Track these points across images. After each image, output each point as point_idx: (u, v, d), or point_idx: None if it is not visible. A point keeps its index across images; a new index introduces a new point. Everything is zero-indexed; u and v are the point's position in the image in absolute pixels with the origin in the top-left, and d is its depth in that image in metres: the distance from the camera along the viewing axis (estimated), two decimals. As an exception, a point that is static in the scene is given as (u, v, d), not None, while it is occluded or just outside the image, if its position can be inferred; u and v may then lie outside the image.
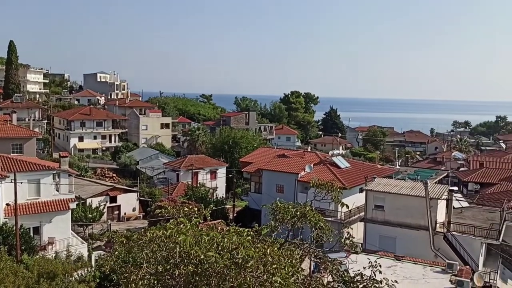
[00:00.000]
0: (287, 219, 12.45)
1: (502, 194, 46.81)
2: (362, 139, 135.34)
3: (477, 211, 39.73)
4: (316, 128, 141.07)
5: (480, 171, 60.84)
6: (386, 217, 35.15)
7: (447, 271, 27.13)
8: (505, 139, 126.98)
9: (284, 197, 31.31)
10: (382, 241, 34.53)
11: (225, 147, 73.83)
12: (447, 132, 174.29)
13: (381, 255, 30.28)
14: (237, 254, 9.04)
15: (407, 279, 26.12)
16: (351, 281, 11.68)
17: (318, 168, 45.55)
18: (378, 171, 48.94)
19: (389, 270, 27.28)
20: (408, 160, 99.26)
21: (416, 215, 33.78)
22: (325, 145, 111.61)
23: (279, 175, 45.61)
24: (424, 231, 33.33)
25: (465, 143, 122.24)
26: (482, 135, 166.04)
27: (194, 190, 50.92)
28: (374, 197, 36.07)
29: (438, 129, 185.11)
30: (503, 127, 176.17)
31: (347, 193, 41.80)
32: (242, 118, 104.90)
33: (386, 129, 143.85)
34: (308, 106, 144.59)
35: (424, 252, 32.39)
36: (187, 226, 9.98)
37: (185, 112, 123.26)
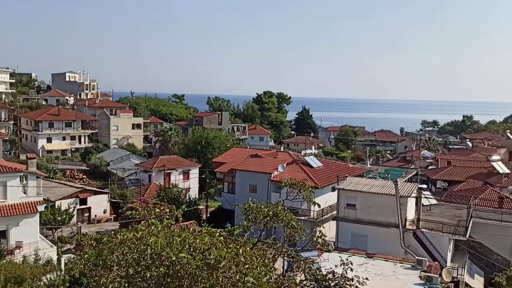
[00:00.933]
0: (260, 219, 12.46)
1: (469, 191, 48.15)
2: (334, 138, 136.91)
3: (445, 208, 40.77)
4: (289, 128, 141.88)
5: (448, 169, 62.36)
6: (357, 216, 35.64)
7: (417, 267, 27.70)
8: (472, 138, 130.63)
9: (257, 197, 31.32)
10: (354, 239, 35.00)
11: (198, 148, 73.40)
12: (416, 132, 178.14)
13: (353, 253, 30.67)
14: (209, 255, 8.99)
15: (378, 276, 26.54)
16: (323, 279, 11.79)
17: (291, 167, 45.82)
18: (350, 170, 49.60)
19: (361, 267, 27.68)
20: (379, 159, 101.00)
21: (387, 213, 34.36)
22: (298, 145, 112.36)
23: (252, 175, 45.64)
24: (395, 229, 33.95)
25: (434, 142, 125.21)
26: (449, 134, 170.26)
27: (167, 191, 50.40)
28: (346, 196, 36.53)
29: (407, 128, 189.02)
30: (470, 126, 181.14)
31: (320, 192, 42.23)
32: (215, 118, 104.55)
33: (357, 129, 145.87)
34: (281, 106, 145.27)
35: (395, 249, 33.00)
36: (158, 227, 9.86)
37: (157, 112, 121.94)
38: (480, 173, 59.02)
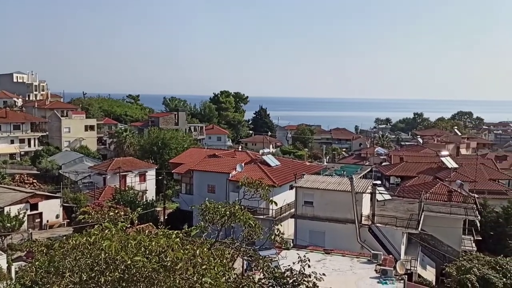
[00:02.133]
0: (217, 219, 12.39)
1: (420, 186, 49.94)
2: (292, 137, 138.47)
3: (398, 203, 42.08)
4: (246, 128, 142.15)
5: (401, 165, 64.44)
6: (315, 213, 36.17)
7: (372, 261, 28.41)
8: (422, 134, 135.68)
9: (216, 197, 31.13)
10: (312, 236, 35.49)
11: (154, 149, 72.24)
12: (370, 129, 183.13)
13: (311, 250, 31.10)
14: (165, 257, 8.83)
15: (336, 271, 27.03)
16: (282, 276, 11.87)
17: (249, 167, 45.91)
18: (307, 168, 50.26)
19: (319, 263, 28.09)
20: (335, 157, 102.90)
21: (343, 209, 35.07)
22: (256, 144, 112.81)
23: (210, 175, 45.40)
24: (351, 224, 34.69)
25: (387, 139, 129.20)
26: (401, 131, 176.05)
27: (122, 193, 49.32)
28: (304, 194, 36.99)
29: (362, 126, 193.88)
30: (420, 123, 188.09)
31: (278, 190, 42.58)
32: (171, 119, 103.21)
33: (314, 127, 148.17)
34: (238, 106, 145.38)
35: (352, 244, 33.72)
36: (112, 231, 9.59)
37: (111, 113, 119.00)
38: (431, 168, 61.36)
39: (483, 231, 43.21)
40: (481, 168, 61.41)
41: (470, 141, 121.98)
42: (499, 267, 32.91)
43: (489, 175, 61.23)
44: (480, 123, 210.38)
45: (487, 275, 31.56)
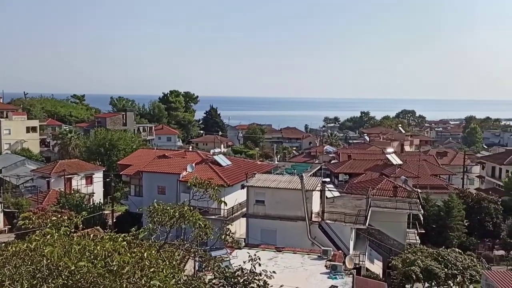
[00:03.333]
0: (166, 220, 12.17)
1: (367, 182, 51.45)
2: (243, 137, 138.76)
3: (347, 199, 43.17)
4: (197, 127, 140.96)
5: (349, 162, 66.08)
6: (266, 211, 36.42)
7: (323, 257, 28.99)
8: (369, 133, 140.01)
9: (166, 199, 30.67)
10: (263, 234, 35.71)
11: (101, 150, 70.07)
12: (319, 128, 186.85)
13: (263, 248, 31.32)
14: (111, 261, 8.55)
15: (287, 269, 27.35)
16: (232, 276, 11.83)
17: (200, 167, 45.54)
18: (258, 167, 50.52)
19: (270, 261, 28.33)
20: (286, 156, 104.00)
21: (294, 207, 35.54)
22: (207, 144, 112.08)
23: (160, 176, 44.64)
24: (302, 222, 35.22)
25: (335, 138, 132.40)
26: (349, 130, 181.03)
27: (68, 197, 47.49)
28: (255, 193, 37.16)
29: (311, 125, 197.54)
30: (367, 121, 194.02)
31: (229, 190, 42.48)
32: (119, 119, 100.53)
33: (264, 127, 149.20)
34: (188, 106, 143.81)
35: (302, 241, 34.23)
36: (54, 236, 9.18)
37: (54, 114, 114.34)
38: (377, 165, 63.38)
39: (426, 224, 45.18)
40: (424, 164, 64.18)
41: (413, 139, 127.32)
42: (441, 258, 34.55)
43: (431, 171, 64.10)
44: (423, 121, 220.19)
45: (430, 266, 33.04)
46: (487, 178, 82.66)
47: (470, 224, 48.63)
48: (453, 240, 45.41)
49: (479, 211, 50.02)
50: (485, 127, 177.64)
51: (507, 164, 75.47)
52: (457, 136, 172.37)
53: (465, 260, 35.12)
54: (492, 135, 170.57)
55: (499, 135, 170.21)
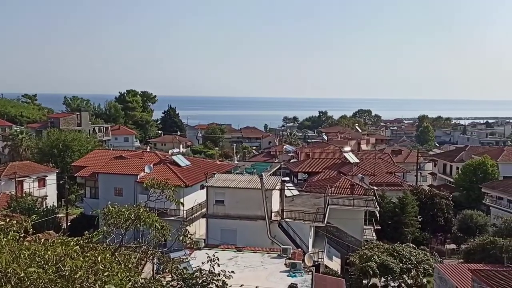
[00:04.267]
0: (121, 223, 11.85)
1: (326, 181, 52.27)
2: (202, 136, 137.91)
3: (306, 198, 43.68)
4: (155, 127, 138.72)
5: (307, 161, 66.85)
6: (226, 211, 36.29)
7: (282, 255, 29.20)
8: (327, 132, 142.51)
9: (123, 200, 30.00)
10: (223, 234, 35.57)
11: (55, 151, 67.69)
12: (279, 127, 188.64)
13: (223, 248, 31.21)
14: (63, 266, 8.21)
15: (248, 268, 27.37)
16: (190, 277, 11.69)
17: (159, 168, 44.85)
18: (218, 167, 50.29)
19: (231, 261, 28.25)
20: (246, 155, 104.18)
21: (254, 207, 35.57)
22: (165, 144, 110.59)
23: (116, 177, 43.61)
24: (262, 221, 35.31)
25: (294, 137, 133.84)
26: (308, 129, 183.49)
27: (19, 200, 45.57)
28: (215, 193, 36.95)
29: (271, 124, 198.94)
30: (325, 121, 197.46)
31: (189, 190, 42.12)
32: (73, 119, 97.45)
33: (224, 126, 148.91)
34: (146, 105, 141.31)
35: (262, 240, 34.33)
36: (2, 242, 8.72)
37: (4, 114, 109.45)
38: (335, 163, 64.47)
39: (382, 221, 46.38)
40: (379, 162, 65.85)
41: (370, 137, 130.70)
42: (396, 253, 35.60)
43: (386, 169, 65.88)
44: (378, 120, 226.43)
45: (386, 262, 33.97)
46: (439, 175, 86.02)
47: (423, 220, 50.36)
48: (407, 236, 46.86)
49: (432, 207, 51.89)
50: (436, 126, 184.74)
51: (457, 161, 78.77)
52: (411, 135, 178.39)
53: (419, 255, 36.36)
54: (443, 134, 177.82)
55: (450, 134, 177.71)
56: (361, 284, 35.35)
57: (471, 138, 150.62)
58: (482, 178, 65.55)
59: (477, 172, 66.51)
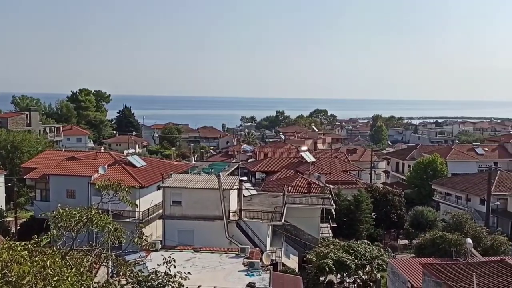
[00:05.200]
0: (72, 225, 11.45)
1: (283, 180, 52.71)
2: (159, 136, 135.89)
3: (263, 197, 43.86)
4: (110, 128, 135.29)
5: (265, 161, 67.23)
6: (183, 212, 35.89)
7: (240, 255, 29.19)
8: (284, 131, 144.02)
9: (76, 203, 29.00)
10: (181, 235, 35.16)
11: (2, 153, 64.69)
12: (237, 127, 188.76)
13: (180, 249, 30.84)
14: (10, 272, 7.84)
15: (205, 269, 27.18)
16: (146, 280, 11.46)
17: (113, 168, 43.77)
18: (175, 168, 49.69)
19: (188, 262, 27.98)
20: (203, 155, 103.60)
21: (212, 207, 35.39)
22: (121, 145, 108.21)
23: (69, 179, 42.21)
24: (219, 221, 35.16)
25: (252, 136, 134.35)
26: (265, 128, 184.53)
27: (-37, 205, 43.26)
28: (172, 193, 36.46)
29: (228, 124, 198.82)
30: (282, 120, 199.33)
31: (145, 191, 41.36)
32: (22, 119, 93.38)
33: (181, 126, 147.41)
34: (100, 105, 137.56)
35: (220, 240, 34.19)
36: None
37: None
38: (292, 162, 65.17)
39: (338, 218, 47.29)
40: (335, 161, 67.23)
41: (326, 137, 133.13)
42: (351, 250, 36.41)
43: (342, 167, 67.36)
44: (334, 120, 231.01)
45: (341, 258, 34.68)
46: (392, 173, 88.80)
47: (377, 216, 51.78)
48: (362, 232, 48.04)
49: (385, 204, 53.45)
50: (389, 125, 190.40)
51: (409, 159, 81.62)
52: (365, 134, 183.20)
53: (373, 251, 37.34)
54: (396, 133, 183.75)
55: (402, 133, 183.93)
56: (317, 281, 35.91)
57: (422, 137, 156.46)
58: (432, 176, 68.23)
59: (428, 169, 69.12)
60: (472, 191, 60.29)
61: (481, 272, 24.36)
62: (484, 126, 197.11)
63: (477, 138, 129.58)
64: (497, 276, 23.93)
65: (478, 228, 41.52)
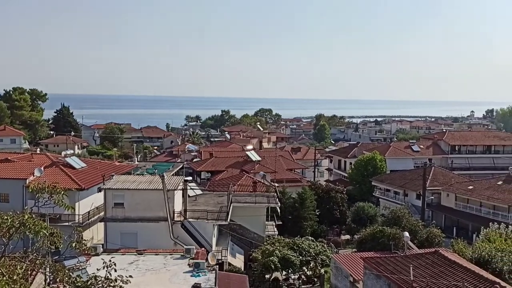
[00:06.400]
0: (3, 231, 10.77)
1: (229, 179, 52.71)
2: (99, 137, 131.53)
3: (209, 197, 43.65)
4: (46, 128, 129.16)
5: (210, 160, 66.90)
6: (126, 214, 34.97)
7: (186, 256, 28.89)
8: (229, 130, 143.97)
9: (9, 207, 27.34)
10: (124, 238, 34.26)
11: None
12: (181, 127, 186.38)
13: (123, 253, 30.08)
14: None
15: (150, 271, 26.66)
16: (85, 285, 11.04)
17: (50, 170, 41.90)
18: (117, 169, 48.33)
19: (131, 265, 27.33)
20: (147, 155, 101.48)
21: (156, 208, 34.75)
22: (59, 146, 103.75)
23: (1, 182, 39.92)
24: (164, 222, 34.61)
25: (197, 136, 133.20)
26: (211, 128, 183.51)
27: None
28: (113, 195, 35.43)
29: (173, 123, 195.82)
30: (227, 120, 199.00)
31: (85, 194, 39.96)
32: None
33: (123, 126, 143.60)
34: (36, 104, 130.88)
35: (165, 242, 33.66)
36: None
37: None
38: (238, 162, 65.30)
39: (283, 216, 47.95)
40: (280, 159, 68.10)
41: (271, 136, 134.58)
42: (296, 246, 37.07)
43: (286, 166, 68.29)
44: (279, 119, 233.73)
45: (286, 255, 35.22)
46: (335, 170, 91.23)
47: (321, 213, 53.01)
48: (306, 229, 49.00)
49: (328, 201, 54.82)
50: (332, 124, 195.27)
51: (350, 157, 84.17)
52: (309, 133, 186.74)
53: (317, 247, 38.24)
54: (338, 131, 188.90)
55: (344, 131, 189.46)
56: (263, 278, 36.24)
57: (362, 135, 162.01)
58: (372, 172, 70.79)
59: (368, 167, 71.62)
60: (409, 186, 63.23)
61: (417, 264, 25.60)
62: (419, 124, 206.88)
63: (413, 136, 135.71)
64: (431, 267, 25.25)
65: (415, 221, 43.61)
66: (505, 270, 31.00)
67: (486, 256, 32.28)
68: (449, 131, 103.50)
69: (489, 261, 31.75)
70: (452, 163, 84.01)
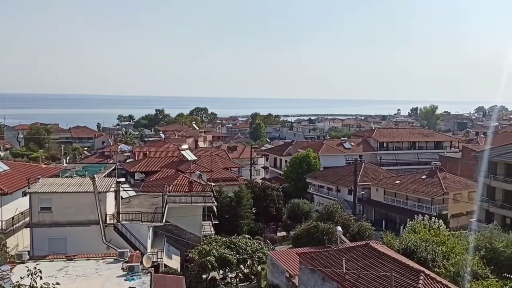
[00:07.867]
0: None
1: (164, 180, 51.78)
2: (24, 138, 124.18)
3: (143, 198, 42.60)
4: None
5: (144, 161, 65.39)
6: (54, 218, 33.28)
7: (119, 259, 27.92)
8: (164, 130, 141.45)
9: None
10: (52, 244, 32.58)
11: None
12: (113, 126, 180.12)
13: (51, 259, 28.55)
14: None
15: (80, 277, 25.50)
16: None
17: (-32, 174, 38.85)
18: (44, 171, 45.83)
19: (60, 272, 26.00)
20: (76, 157, 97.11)
21: (86, 211, 33.42)
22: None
23: None
24: (95, 226, 33.34)
25: (130, 136, 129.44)
26: (144, 127, 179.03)
27: None
28: (40, 199, 33.54)
29: (104, 123, 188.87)
30: (162, 119, 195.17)
31: (8, 198, 37.55)
32: None
33: (50, 126, 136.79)
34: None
35: (97, 246, 32.43)
36: None
37: None
38: (173, 161, 64.38)
39: (220, 215, 47.92)
40: (216, 158, 67.91)
41: (207, 135, 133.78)
42: (233, 245, 37.14)
43: (223, 165, 68.28)
44: (214, 118, 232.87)
45: (223, 254, 35.21)
46: (271, 168, 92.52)
47: (258, 211, 53.56)
48: (243, 227, 49.29)
49: (265, 199, 55.52)
50: (267, 122, 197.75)
51: (286, 155, 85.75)
52: (245, 131, 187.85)
53: (254, 245, 38.55)
54: (273, 130, 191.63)
55: (279, 130, 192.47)
56: (200, 278, 35.95)
57: (297, 134, 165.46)
58: (307, 170, 72.58)
59: (302, 164, 73.31)
60: (341, 182, 65.55)
61: (349, 256, 26.55)
62: (350, 122, 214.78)
63: (345, 134, 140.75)
64: (362, 259, 26.29)
65: (347, 216, 45.26)
66: (429, 259, 33.00)
67: (412, 246, 34.18)
68: (378, 129, 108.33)
69: (414, 251, 33.64)
70: (381, 159, 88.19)
